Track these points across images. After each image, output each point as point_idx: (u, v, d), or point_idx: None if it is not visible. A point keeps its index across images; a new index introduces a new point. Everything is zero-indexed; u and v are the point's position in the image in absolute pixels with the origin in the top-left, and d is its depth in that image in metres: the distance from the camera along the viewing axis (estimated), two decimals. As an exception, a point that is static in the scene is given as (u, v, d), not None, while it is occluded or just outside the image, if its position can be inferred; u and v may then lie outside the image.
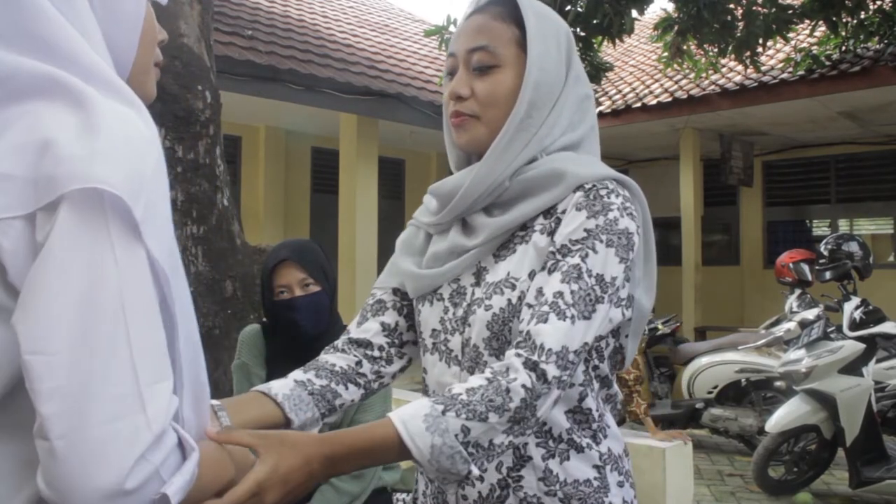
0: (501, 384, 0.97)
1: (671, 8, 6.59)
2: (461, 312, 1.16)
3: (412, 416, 0.95)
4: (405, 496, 2.30)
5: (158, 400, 0.71)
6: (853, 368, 4.43)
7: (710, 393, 5.81)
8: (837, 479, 5.02)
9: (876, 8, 6.92)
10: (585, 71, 1.28)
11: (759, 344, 5.44)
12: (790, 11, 6.38)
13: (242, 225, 3.52)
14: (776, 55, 7.92)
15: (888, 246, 9.37)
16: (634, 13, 5.89)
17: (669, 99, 8.00)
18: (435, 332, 1.19)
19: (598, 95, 8.67)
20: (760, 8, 6.30)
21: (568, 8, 5.81)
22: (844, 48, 7.23)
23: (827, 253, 4.97)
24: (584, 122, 1.19)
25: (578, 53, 1.20)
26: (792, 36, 6.82)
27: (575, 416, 1.13)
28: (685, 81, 8.13)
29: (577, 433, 1.12)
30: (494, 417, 0.96)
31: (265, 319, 2.31)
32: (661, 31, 6.75)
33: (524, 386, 0.97)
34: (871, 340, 4.53)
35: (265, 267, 2.21)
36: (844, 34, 7.14)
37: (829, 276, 4.91)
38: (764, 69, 7.28)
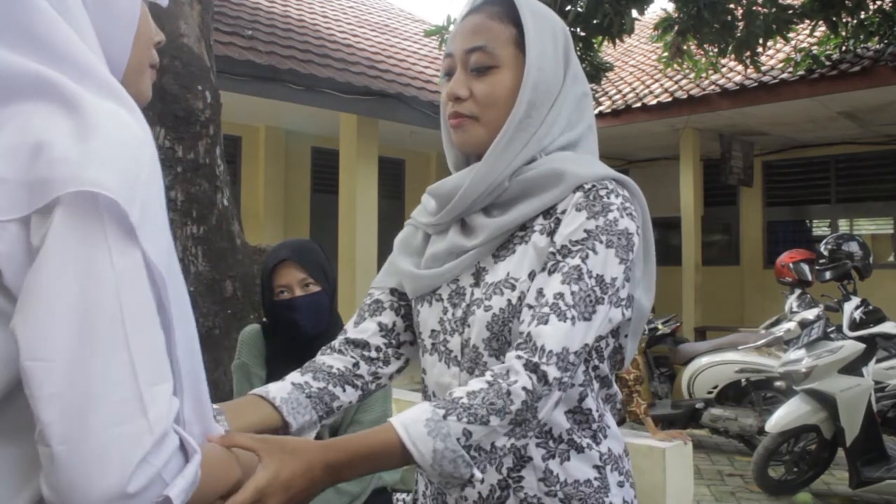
0: (502, 387, 0.97)
1: (671, 8, 6.60)
2: (460, 313, 1.15)
3: (413, 420, 0.95)
4: (405, 496, 2.30)
5: (159, 402, 0.70)
6: (853, 368, 4.43)
7: (710, 393, 5.81)
8: (837, 479, 5.02)
9: (876, 8, 6.92)
10: (585, 71, 1.29)
11: (759, 344, 5.44)
12: (790, 11, 6.39)
13: (242, 225, 3.52)
14: (776, 55, 7.92)
15: (888, 246, 9.36)
16: (634, 13, 5.89)
17: (669, 99, 8.00)
18: (434, 332, 1.19)
19: (598, 95, 8.66)
20: (760, 8, 6.30)
21: (568, 8, 5.81)
22: (844, 48, 7.23)
23: (827, 253, 4.97)
24: (582, 120, 1.19)
25: (578, 53, 1.21)
26: (792, 36, 6.83)
27: (575, 416, 1.13)
28: (685, 81, 8.13)
29: (577, 433, 1.12)
30: (496, 420, 0.96)
31: (265, 319, 2.31)
32: (661, 31, 6.76)
33: (525, 388, 0.97)
34: (871, 340, 4.53)
35: (265, 267, 2.21)
36: (844, 34, 7.14)
37: (829, 276, 4.91)
38: (764, 69, 7.28)
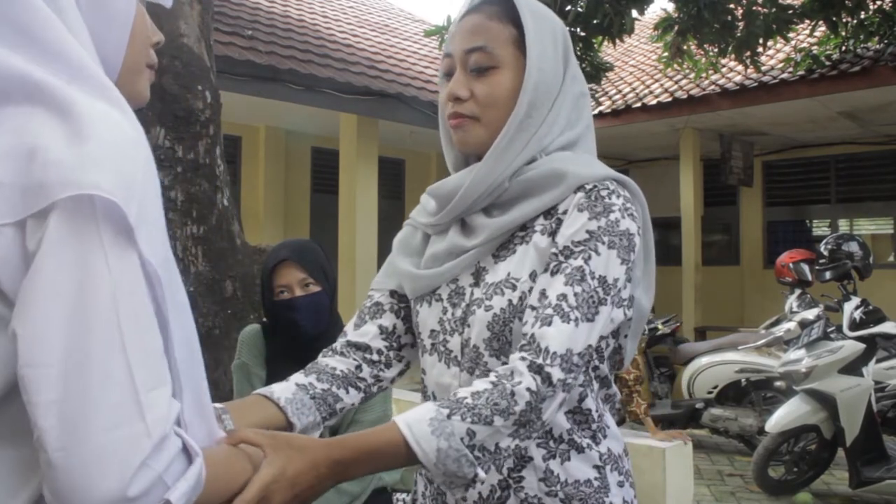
0: (506, 388, 0.98)
1: (671, 8, 6.59)
2: (460, 313, 1.16)
3: (417, 420, 0.95)
4: (405, 496, 2.30)
5: (157, 406, 0.70)
6: (853, 368, 4.43)
7: (710, 393, 5.81)
8: (837, 479, 5.02)
9: (876, 8, 6.92)
10: (585, 71, 1.29)
11: (759, 344, 5.44)
12: (790, 11, 6.39)
13: (242, 225, 3.52)
14: (776, 55, 7.92)
15: (888, 246, 9.37)
16: (634, 13, 5.89)
17: (669, 99, 8.00)
18: (434, 332, 1.19)
19: (598, 95, 8.67)
20: (760, 8, 6.30)
21: (568, 8, 5.80)
22: (844, 48, 7.23)
23: (827, 253, 4.97)
24: (580, 120, 1.19)
25: (578, 53, 1.21)
26: (792, 36, 6.83)
27: (575, 416, 1.13)
28: (685, 81, 8.13)
29: (577, 433, 1.12)
30: (500, 421, 0.96)
31: (265, 319, 2.31)
32: (661, 31, 6.76)
33: (529, 389, 0.97)
34: (871, 340, 4.53)
35: (265, 267, 2.21)
36: (844, 34, 7.14)
37: (829, 276, 4.91)
38: (764, 69, 7.28)
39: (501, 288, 1.11)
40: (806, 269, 5.38)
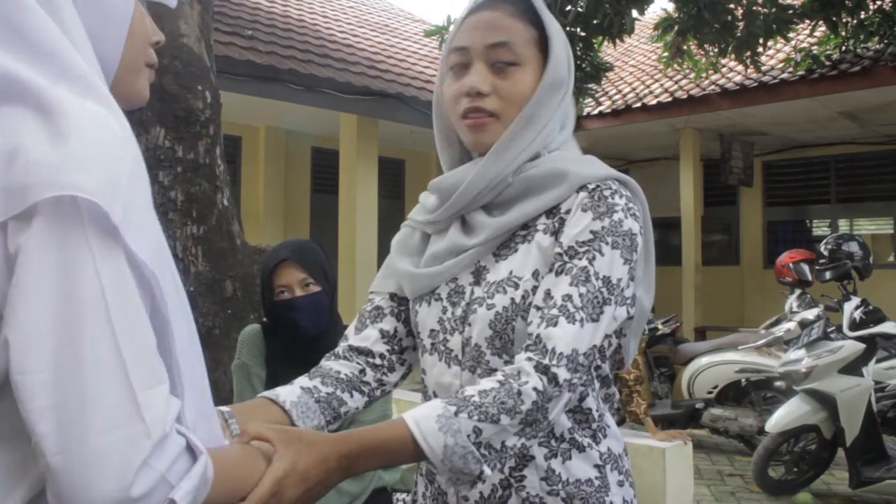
0: (513, 387, 0.98)
1: (671, 8, 6.59)
2: (460, 312, 1.16)
3: (425, 416, 0.96)
4: (405, 496, 2.30)
5: (156, 405, 0.69)
6: (853, 368, 4.43)
7: (710, 393, 5.81)
8: (837, 479, 5.02)
9: (876, 8, 6.92)
10: (585, 71, 1.30)
11: (759, 344, 5.44)
12: (790, 11, 6.39)
13: (242, 225, 3.52)
14: (776, 55, 7.92)
15: (888, 246, 9.37)
16: (634, 13, 5.88)
17: (669, 99, 8.00)
18: (433, 332, 1.19)
19: (598, 95, 8.67)
20: (761, 8, 6.30)
21: (568, 8, 5.80)
22: (844, 48, 7.23)
23: (827, 253, 4.97)
24: (569, 118, 1.22)
25: (579, 53, 1.22)
26: (792, 36, 6.82)
27: (576, 415, 1.13)
28: (685, 81, 8.13)
29: (578, 432, 1.13)
30: (506, 419, 0.97)
31: (265, 319, 2.31)
32: (661, 31, 6.75)
33: (535, 389, 0.98)
34: (871, 340, 4.53)
35: (265, 267, 2.21)
36: (844, 34, 7.14)
37: (829, 276, 4.91)
38: (764, 69, 7.28)
39: (503, 286, 1.11)
40: (806, 269, 5.38)
